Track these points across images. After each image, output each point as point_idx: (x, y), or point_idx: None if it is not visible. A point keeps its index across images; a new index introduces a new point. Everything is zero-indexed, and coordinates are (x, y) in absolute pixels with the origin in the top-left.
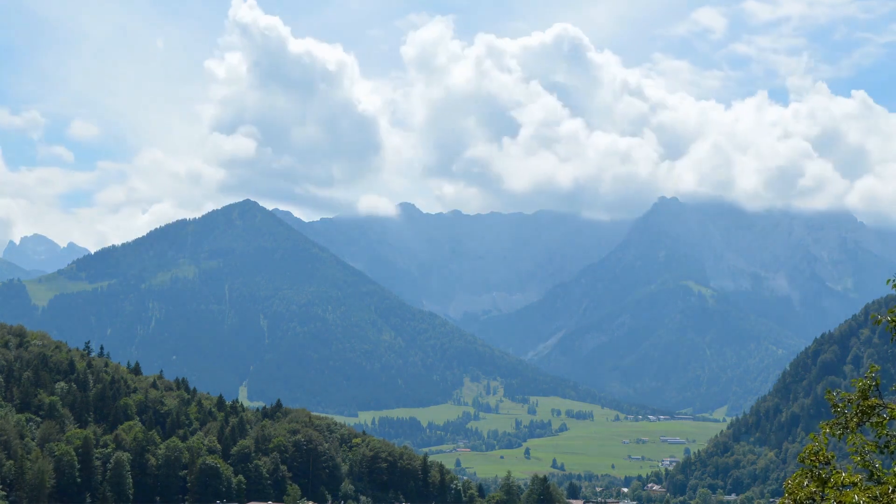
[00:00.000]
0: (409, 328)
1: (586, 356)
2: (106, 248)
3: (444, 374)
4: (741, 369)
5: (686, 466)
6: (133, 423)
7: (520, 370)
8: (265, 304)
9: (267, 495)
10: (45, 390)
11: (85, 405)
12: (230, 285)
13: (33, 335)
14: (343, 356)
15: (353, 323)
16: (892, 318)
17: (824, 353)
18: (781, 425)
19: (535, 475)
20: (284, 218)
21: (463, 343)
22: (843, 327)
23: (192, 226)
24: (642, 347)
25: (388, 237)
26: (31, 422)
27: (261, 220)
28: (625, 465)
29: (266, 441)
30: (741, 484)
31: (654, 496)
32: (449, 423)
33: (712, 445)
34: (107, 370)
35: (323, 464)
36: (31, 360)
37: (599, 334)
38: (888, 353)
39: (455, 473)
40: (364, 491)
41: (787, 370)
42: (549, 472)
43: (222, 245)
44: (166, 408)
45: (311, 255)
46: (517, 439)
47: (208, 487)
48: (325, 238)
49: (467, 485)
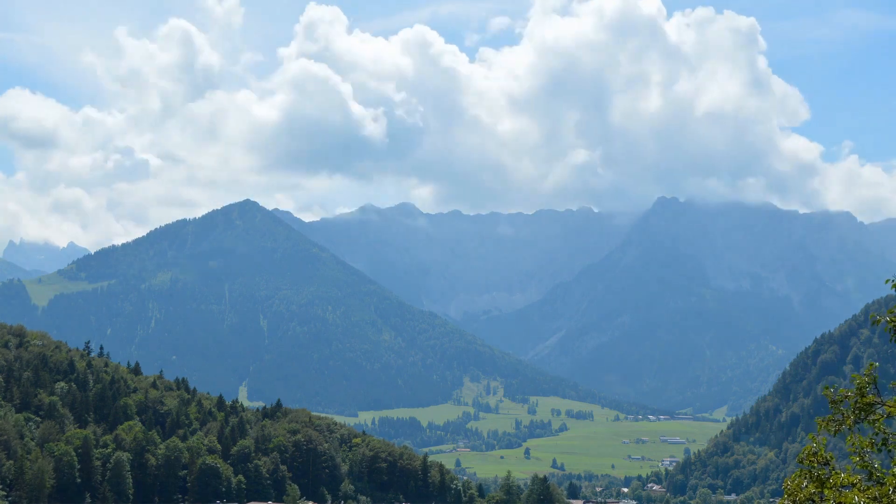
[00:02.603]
0: (409, 328)
1: (586, 356)
2: (106, 248)
3: (444, 374)
4: (741, 369)
5: (686, 466)
6: (133, 423)
7: (520, 370)
8: (265, 304)
9: (267, 495)
10: (45, 390)
11: (85, 405)
12: (230, 285)
13: (33, 335)
14: (343, 356)
15: (353, 323)
16: (891, 318)
17: (824, 353)
18: (781, 425)
19: (535, 475)
20: (284, 218)
21: (463, 343)
22: (843, 327)
23: (192, 226)
24: (642, 347)
25: (388, 237)
26: (31, 422)
27: (261, 220)
28: (625, 465)
29: (266, 441)
30: (741, 484)
31: (654, 496)
32: (449, 423)
33: (712, 445)
34: (107, 370)
35: (323, 464)
36: (31, 360)
37: (599, 334)
38: (888, 353)
39: (455, 473)
40: (364, 491)
41: (787, 370)
42: (549, 472)
43: (222, 245)
44: (166, 408)
45: (311, 255)
46: (517, 439)
47: (208, 487)
48: (325, 238)
49: (467, 485)
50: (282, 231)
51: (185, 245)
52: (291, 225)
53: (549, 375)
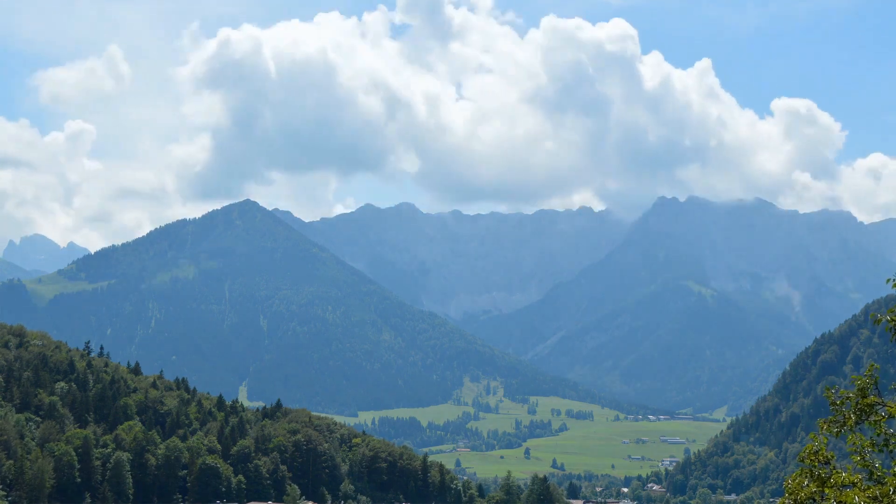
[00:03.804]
0: (409, 328)
1: (586, 356)
2: (106, 248)
3: (444, 374)
4: (741, 369)
5: (686, 466)
6: (133, 423)
7: (520, 370)
8: (265, 304)
9: (267, 495)
10: (45, 390)
11: (85, 405)
12: (230, 285)
13: (33, 335)
14: (343, 356)
15: (353, 323)
16: (891, 317)
17: (824, 354)
18: (781, 425)
19: (535, 475)
20: (284, 218)
21: (463, 343)
22: (843, 327)
23: (192, 226)
24: (642, 347)
25: (388, 237)
26: (31, 422)
27: (261, 220)
28: (625, 465)
29: (266, 441)
30: (741, 484)
31: (654, 496)
32: (449, 423)
33: (712, 445)
34: (107, 370)
35: (323, 464)
36: (31, 360)
37: (599, 334)
38: (888, 353)
39: (455, 473)
40: (364, 491)
41: (787, 370)
42: (549, 472)
43: (222, 245)
44: (166, 408)
45: (311, 255)
46: (517, 439)
47: (208, 487)
48: (325, 238)
49: (467, 485)
50: (282, 231)
51: (185, 245)
52: (291, 225)
53: (549, 375)
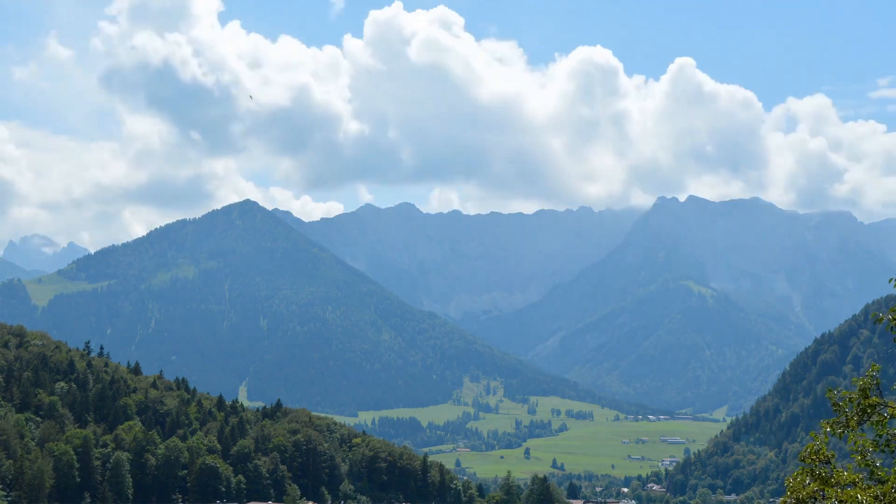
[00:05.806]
0: (408, 328)
1: (586, 356)
2: (106, 248)
3: (444, 374)
4: (741, 369)
5: (686, 466)
6: (133, 423)
7: (520, 370)
8: (265, 304)
9: (267, 495)
10: (45, 390)
11: (85, 405)
12: (230, 285)
13: (33, 335)
14: (343, 356)
15: (353, 323)
16: (892, 316)
17: (824, 353)
18: (781, 425)
19: (535, 475)
20: (284, 218)
21: (463, 343)
22: (843, 327)
23: (192, 226)
24: (642, 347)
25: (388, 237)
26: (31, 422)
27: (261, 220)
28: (625, 465)
29: (266, 441)
30: (741, 484)
31: (654, 496)
32: (449, 423)
33: (712, 445)
34: (107, 370)
35: (323, 464)
36: (31, 360)
37: (599, 334)
38: (888, 352)
39: (455, 473)
40: (364, 491)
41: (787, 370)
42: (549, 472)
43: (222, 245)
44: (166, 408)
45: (311, 255)
46: (517, 439)
47: (208, 487)
48: (325, 238)
49: (467, 485)
50: (282, 231)
51: (185, 245)
52: (291, 225)
53: (549, 375)
